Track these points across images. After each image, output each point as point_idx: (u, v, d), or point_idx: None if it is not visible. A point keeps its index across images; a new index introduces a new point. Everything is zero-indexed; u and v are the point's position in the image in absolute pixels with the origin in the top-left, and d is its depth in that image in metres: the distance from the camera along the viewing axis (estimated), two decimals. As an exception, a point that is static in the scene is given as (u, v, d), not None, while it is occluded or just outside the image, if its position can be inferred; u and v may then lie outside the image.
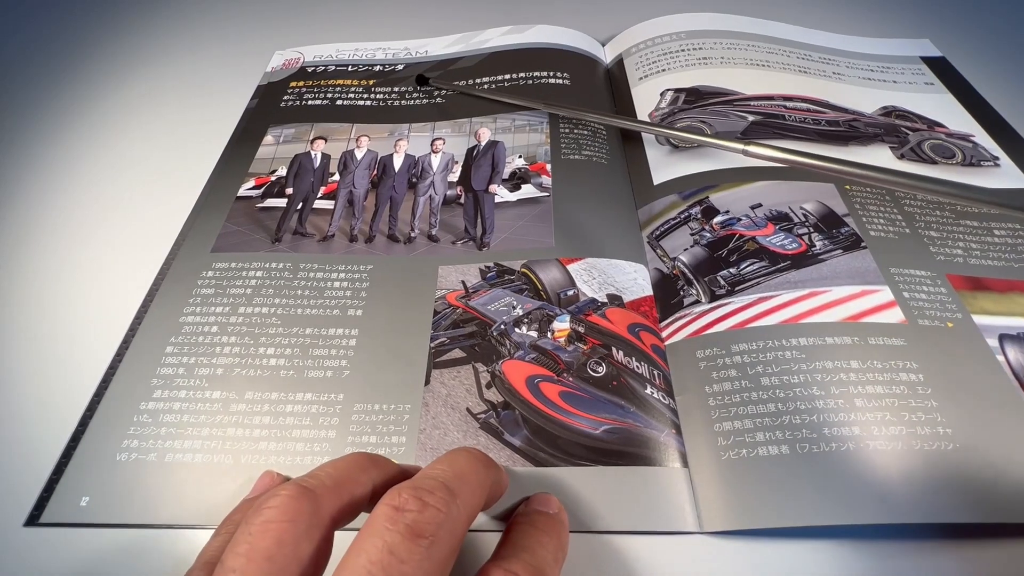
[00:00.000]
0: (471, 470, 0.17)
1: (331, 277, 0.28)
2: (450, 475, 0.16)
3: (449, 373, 0.24)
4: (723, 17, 0.41)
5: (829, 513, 0.19)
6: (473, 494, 0.16)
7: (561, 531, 0.18)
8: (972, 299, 0.25)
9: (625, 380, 0.24)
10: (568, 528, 0.19)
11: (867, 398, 0.22)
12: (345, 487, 0.16)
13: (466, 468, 0.17)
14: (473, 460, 0.17)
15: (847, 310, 0.24)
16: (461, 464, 0.17)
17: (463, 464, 0.17)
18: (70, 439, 0.22)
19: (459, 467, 0.17)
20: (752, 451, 0.21)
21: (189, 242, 0.29)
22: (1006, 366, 0.23)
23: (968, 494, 0.19)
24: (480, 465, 0.17)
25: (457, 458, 0.17)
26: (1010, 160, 0.32)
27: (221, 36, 0.45)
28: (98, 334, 0.26)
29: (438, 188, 0.32)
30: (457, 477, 0.16)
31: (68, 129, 0.37)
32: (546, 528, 0.18)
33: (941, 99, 0.36)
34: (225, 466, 0.22)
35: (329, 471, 0.16)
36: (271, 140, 0.35)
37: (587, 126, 0.35)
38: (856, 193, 0.30)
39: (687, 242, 0.28)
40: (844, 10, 0.45)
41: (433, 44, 0.42)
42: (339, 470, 0.16)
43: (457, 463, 0.17)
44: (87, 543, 0.20)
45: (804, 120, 0.34)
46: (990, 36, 0.42)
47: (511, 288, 0.27)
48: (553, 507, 0.19)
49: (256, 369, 0.24)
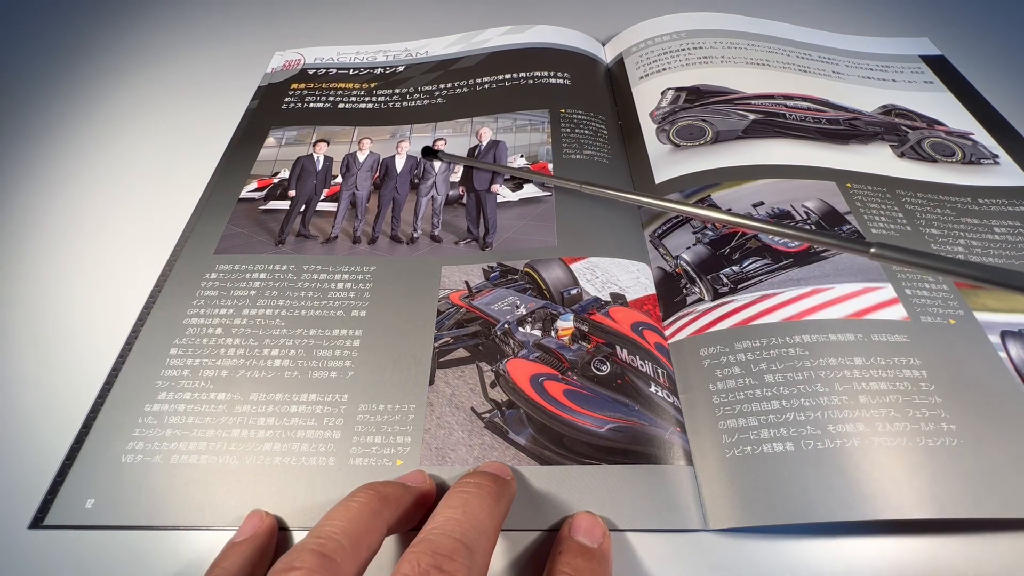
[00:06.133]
0: (485, 512, 0.16)
1: (335, 278, 0.28)
2: (467, 527, 0.15)
3: (453, 373, 0.24)
4: (723, 16, 0.42)
5: (834, 510, 0.19)
6: (490, 540, 0.16)
7: (605, 570, 0.17)
8: (974, 296, 0.25)
9: (629, 378, 0.24)
10: (611, 558, 0.18)
11: (871, 395, 0.22)
12: (362, 542, 0.15)
13: (480, 511, 0.16)
14: (486, 497, 0.17)
15: (850, 307, 0.24)
16: (475, 507, 0.16)
17: (476, 507, 0.16)
18: (74, 441, 0.22)
19: (474, 513, 0.16)
20: (757, 448, 0.21)
21: (191, 244, 0.29)
22: (1008, 362, 0.23)
23: (972, 490, 0.19)
24: (493, 502, 0.17)
25: (470, 500, 0.17)
26: (1009, 158, 0.32)
27: (220, 36, 0.45)
28: (101, 336, 0.26)
29: (440, 189, 0.32)
30: (474, 528, 0.15)
31: (69, 130, 0.37)
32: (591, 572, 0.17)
33: (940, 97, 0.37)
34: (230, 467, 0.22)
35: (343, 526, 0.16)
36: (273, 142, 0.35)
37: (588, 126, 0.35)
38: (857, 191, 0.30)
39: (689, 240, 0.28)
40: (844, 9, 0.45)
41: (433, 45, 0.42)
42: (353, 523, 0.16)
43: (471, 507, 0.16)
44: (92, 545, 0.20)
45: (805, 119, 0.34)
46: (989, 34, 0.42)
47: (514, 287, 0.27)
48: (597, 537, 0.18)
49: (260, 370, 0.24)
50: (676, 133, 0.34)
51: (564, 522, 0.19)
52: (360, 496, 0.17)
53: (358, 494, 0.17)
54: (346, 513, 0.16)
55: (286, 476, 0.21)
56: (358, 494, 0.17)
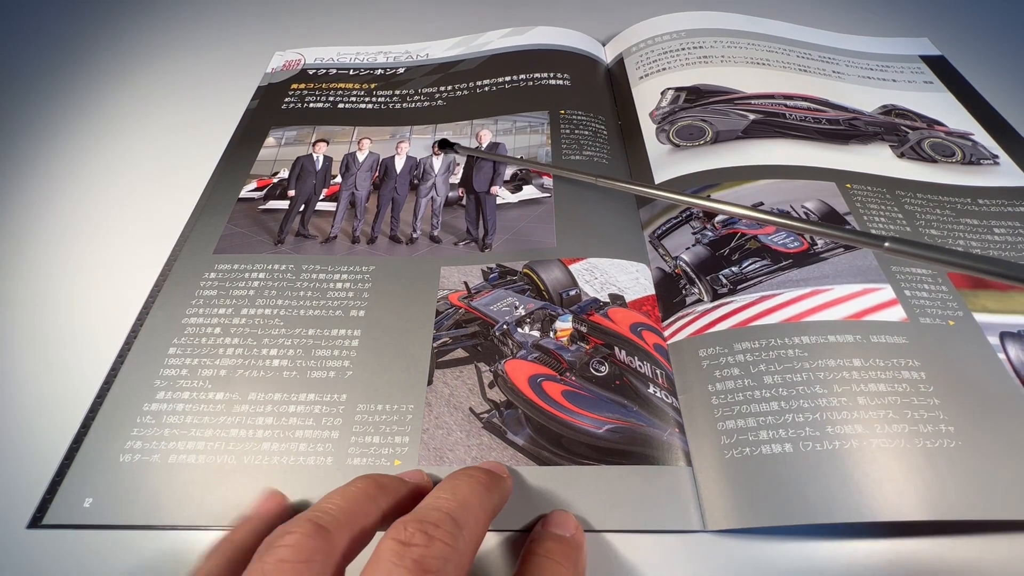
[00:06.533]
0: (475, 497, 0.17)
1: (333, 278, 0.28)
2: (455, 505, 0.16)
3: (452, 373, 0.24)
4: (723, 16, 0.42)
5: (832, 511, 0.19)
6: (478, 522, 0.16)
7: (578, 556, 0.18)
8: (973, 297, 0.25)
9: (628, 379, 0.24)
10: (585, 548, 0.19)
11: (869, 396, 0.22)
12: (356, 520, 0.16)
13: (470, 496, 0.17)
14: (477, 485, 0.17)
15: (849, 308, 0.24)
16: (465, 492, 0.17)
17: (467, 492, 0.17)
18: (73, 440, 0.22)
19: (463, 495, 0.17)
20: (755, 449, 0.21)
21: (191, 244, 0.29)
22: (1007, 364, 0.23)
23: (971, 491, 0.19)
24: (484, 490, 0.17)
25: (461, 485, 0.17)
26: (1009, 158, 0.32)
27: (220, 36, 0.45)
28: (100, 335, 0.26)
29: (440, 189, 0.32)
30: (462, 507, 0.16)
31: (69, 129, 0.37)
32: (562, 556, 0.18)
33: (940, 97, 0.37)
34: (228, 467, 0.22)
35: (339, 503, 0.16)
36: (272, 142, 0.35)
37: (588, 126, 0.35)
38: (857, 192, 0.30)
39: (689, 241, 0.28)
40: (844, 9, 0.45)
41: (434, 47, 0.42)
42: (349, 502, 0.16)
43: (461, 491, 0.17)
44: (90, 544, 0.20)
45: (804, 119, 0.34)
46: (989, 35, 0.42)
47: (513, 288, 0.27)
48: (570, 528, 0.19)
49: (259, 370, 0.24)
50: (676, 133, 0.34)
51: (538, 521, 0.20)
52: (358, 482, 0.18)
53: (356, 480, 0.18)
54: (343, 494, 0.17)
55: (284, 476, 0.21)
56: (356, 480, 0.18)
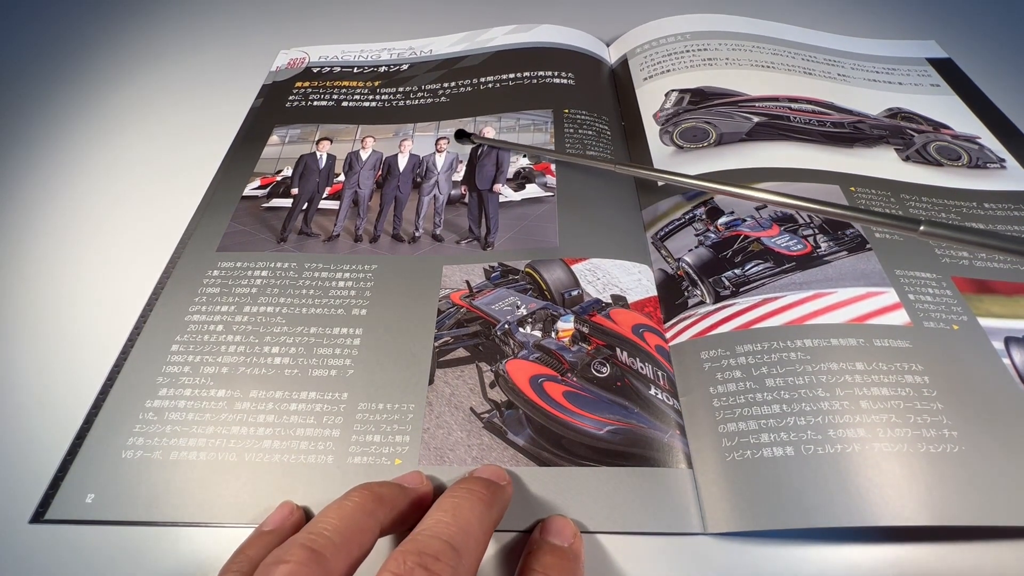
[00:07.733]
0: (476, 517, 0.16)
1: (336, 277, 0.28)
2: (455, 530, 0.16)
3: (453, 372, 0.24)
4: (728, 18, 0.41)
5: (834, 515, 0.19)
6: (479, 544, 0.16)
7: (575, 567, 0.18)
8: (978, 302, 0.25)
9: (629, 381, 0.24)
10: (583, 557, 0.18)
11: (872, 400, 0.22)
12: (354, 540, 0.16)
13: (470, 516, 0.16)
14: (477, 503, 0.17)
15: (852, 312, 0.24)
16: (465, 513, 0.16)
17: (467, 512, 0.16)
18: (75, 436, 0.23)
19: (464, 518, 0.16)
20: (757, 452, 0.21)
21: (194, 241, 0.30)
22: (1012, 369, 0.23)
23: (973, 497, 0.19)
24: (484, 507, 0.17)
25: (461, 505, 0.17)
26: (1016, 162, 0.32)
27: (225, 35, 0.45)
28: (103, 332, 0.26)
29: (442, 188, 0.32)
30: (462, 531, 0.16)
31: (73, 128, 0.37)
32: (560, 568, 0.17)
33: (947, 101, 0.36)
34: (229, 464, 0.22)
35: (335, 523, 0.16)
36: (276, 140, 0.35)
37: (592, 126, 0.35)
38: (862, 195, 0.30)
39: (691, 243, 0.28)
40: (849, 12, 0.44)
41: (437, 43, 0.42)
42: (345, 521, 0.16)
43: (462, 512, 0.16)
44: (92, 540, 0.20)
45: (809, 122, 0.34)
46: (996, 37, 0.42)
47: (515, 288, 0.27)
48: (568, 536, 0.18)
49: (261, 368, 0.24)
50: (680, 135, 0.34)
51: (536, 526, 0.20)
52: (355, 495, 0.17)
53: (353, 493, 0.17)
54: (339, 511, 0.16)
55: (285, 474, 0.21)
56: (353, 493, 0.17)
